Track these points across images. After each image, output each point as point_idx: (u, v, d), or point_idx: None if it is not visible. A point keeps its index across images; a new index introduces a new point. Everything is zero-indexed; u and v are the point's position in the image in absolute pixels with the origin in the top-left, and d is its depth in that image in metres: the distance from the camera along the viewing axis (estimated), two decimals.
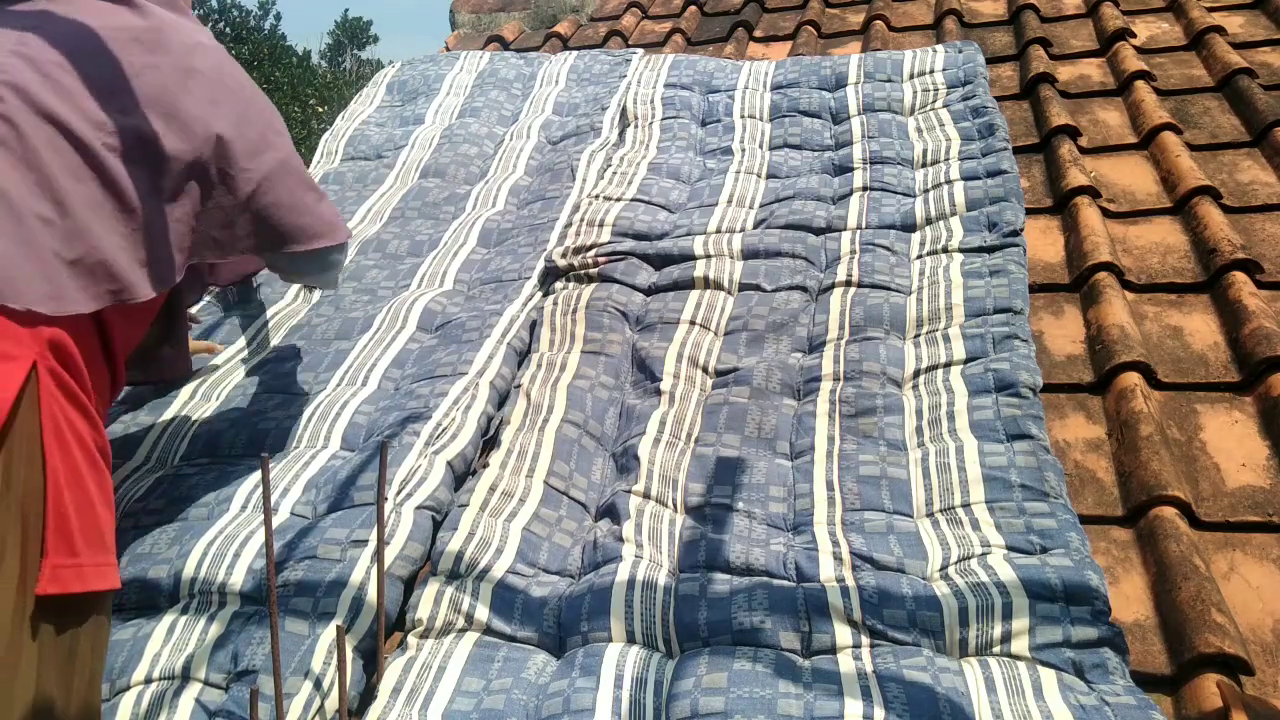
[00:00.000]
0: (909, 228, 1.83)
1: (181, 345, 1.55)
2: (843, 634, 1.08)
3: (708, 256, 1.79)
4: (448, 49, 3.20)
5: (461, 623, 1.17)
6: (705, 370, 1.58)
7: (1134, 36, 2.40)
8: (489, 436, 1.49)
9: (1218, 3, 2.50)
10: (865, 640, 1.08)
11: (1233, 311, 1.50)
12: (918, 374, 1.48)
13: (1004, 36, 2.57)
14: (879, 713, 0.97)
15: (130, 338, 1.25)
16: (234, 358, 1.75)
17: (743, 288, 1.74)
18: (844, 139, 2.15)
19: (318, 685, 1.09)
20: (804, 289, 1.71)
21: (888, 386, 1.46)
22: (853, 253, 1.76)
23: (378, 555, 1.13)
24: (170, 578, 1.24)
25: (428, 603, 1.19)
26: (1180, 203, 1.78)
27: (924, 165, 2.01)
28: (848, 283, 1.68)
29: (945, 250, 1.73)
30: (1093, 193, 1.82)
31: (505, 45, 3.10)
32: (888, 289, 1.65)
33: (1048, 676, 1.01)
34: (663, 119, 2.30)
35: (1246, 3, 2.49)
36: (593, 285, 1.76)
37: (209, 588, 1.24)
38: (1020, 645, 1.04)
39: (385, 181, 2.26)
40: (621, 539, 1.23)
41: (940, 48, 2.39)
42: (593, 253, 1.83)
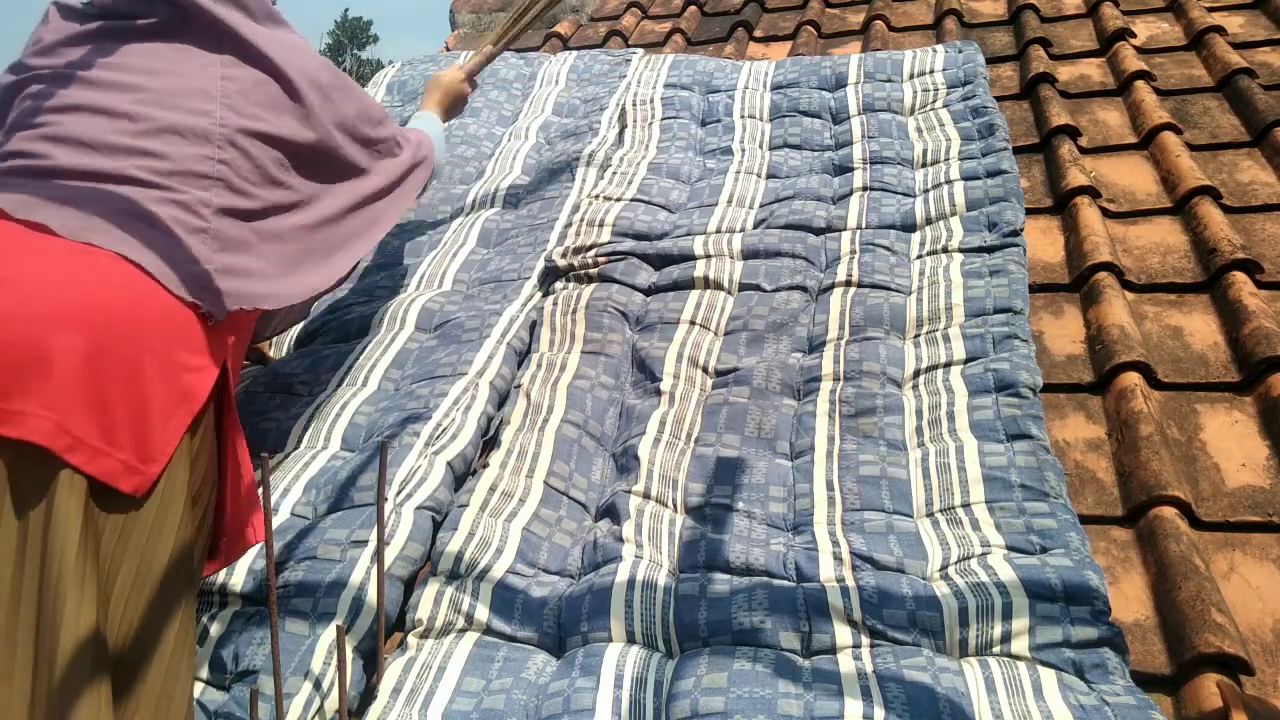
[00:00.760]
0: (909, 228, 1.83)
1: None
2: (843, 634, 1.08)
3: (708, 256, 1.79)
4: (448, 49, 3.20)
5: (461, 623, 1.17)
6: (705, 370, 1.58)
7: (1134, 36, 2.40)
8: (489, 437, 1.49)
9: (1218, 3, 2.50)
10: (865, 640, 1.08)
11: (1233, 311, 1.50)
12: (918, 374, 1.48)
13: (1004, 36, 2.57)
14: (879, 713, 0.97)
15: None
16: None
17: (743, 288, 1.74)
18: (844, 139, 2.15)
19: (318, 685, 1.09)
20: (804, 289, 1.71)
21: (888, 386, 1.46)
22: (853, 253, 1.76)
23: (378, 555, 1.13)
24: None
25: (428, 603, 1.19)
26: (1180, 203, 1.78)
27: (924, 165, 2.01)
28: (848, 283, 1.68)
29: (945, 250, 1.73)
30: (1093, 193, 1.82)
31: None
32: (888, 289, 1.65)
33: (1048, 676, 1.01)
34: (662, 119, 2.30)
35: (1246, 3, 2.49)
36: (593, 285, 1.76)
37: (209, 588, 1.24)
38: (1020, 645, 1.04)
39: None
40: (621, 539, 1.23)
41: (940, 48, 2.39)
42: (593, 253, 1.83)
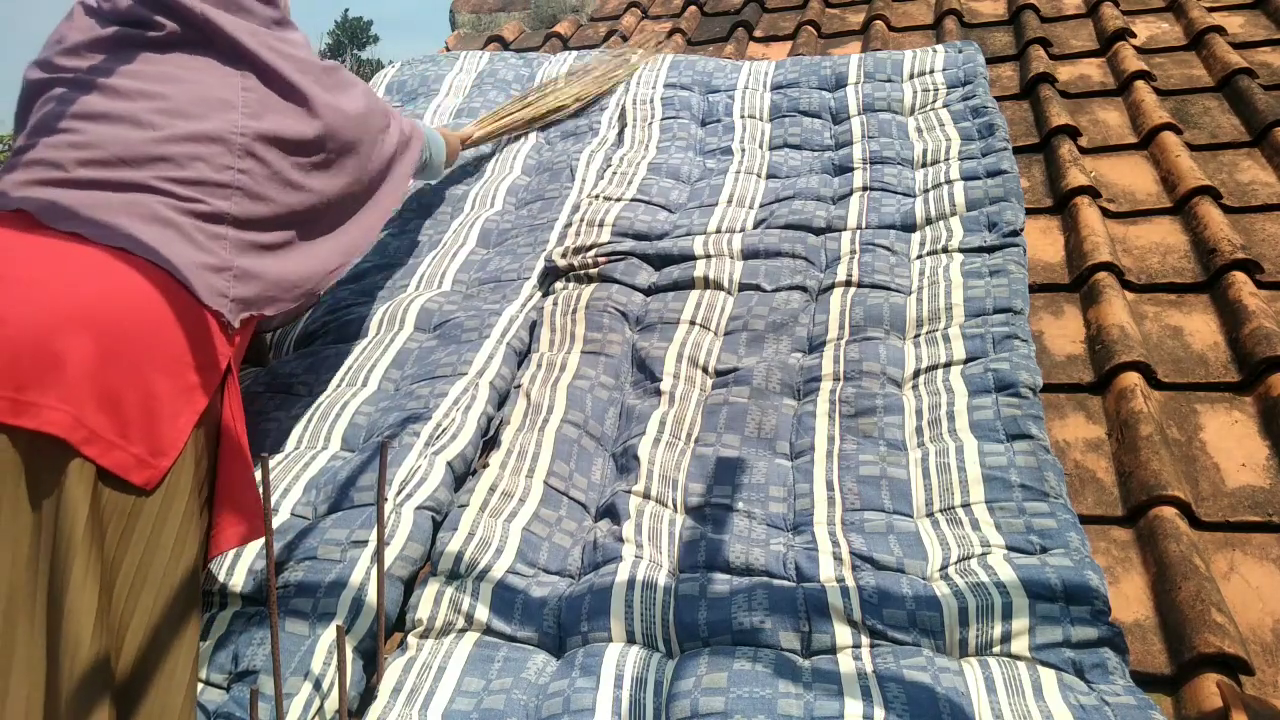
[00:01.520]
0: (909, 228, 1.83)
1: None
2: (843, 634, 1.08)
3: (708, 256, 1.79)
4: (448, 49, 3.20)
5: (461, 623, 1.17)
6: (705, 370, 1.57)
7: (1134, 36, 2.40)
8: (489, 437, 1.49)
9: (1217, 3, 2.50)
10: (865, 640, 1.08)
11: (1232, 311, 1.50)
12: (918, 374, 1.48)
13: (1004, 36, 2.57)
14: (879, 713, 0.97)
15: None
16: None
17: (743, 288, 1.74)
18: (844, 139, 2.15)
19: (318, 685, 1.09)
20: (804, 289, 1.71)
21: (888, 386, 1.46)
22: (853, 253, 1.76)
23: (378, 556, 1.13)
24: None
25: (428, 603, 1.19)
26: (1180, 203, 1.78)
27: (924, 165, 2.01)
28: (848, 283, 1.68)
29: (945, 250, 1.72)
30: (1093, 193, 1.82)
31: (505, 45, 3.10)
32: (888, 289, 1.65)
33: (1048, 676, 1.01)
34: (662, 119, 2.30)
35: (1246, 3, 2.49)
36: (592, 285, 1.76)
37: (210, 589, 1.24)
38: (1020, 645, 1.04)
39: None
40: (621, 539, 1.23)
41: (940, 48, 2.39)
42: (593, 253, 1.83)
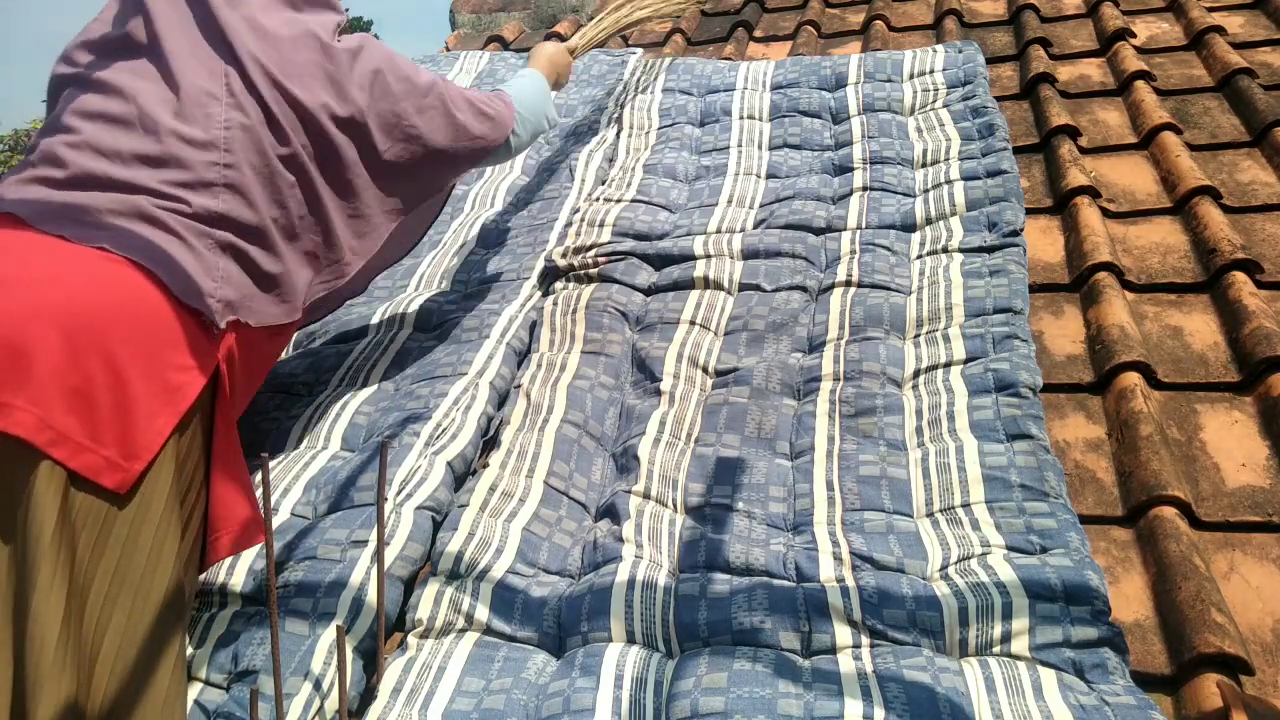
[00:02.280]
0: (909, 228, 1.83)
1: None
2: (843, 634, 1.08)
3: (708, 256, 1.79)
4: (448, 49, 3.20)
5: (461, 623, 1.17)
6: (705, 370, 1.57)
7: (1134, 36, 2.40)
8: (489, 437, 1.49)
9: (1217, 3, 2.50)
10: (865, 640, 1.08)
11: (1233, 311, 1.50)
12: (918, 374, 1.48)
13: (1004, 36, 2.57)
14: (879, 713, 0.97)
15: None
16: None
17: (743, 288, 1.74)
18: (844, 139, 2.15)
19: (318, 685, 1.09)
20: (804, 289, 1.71)
21: (888, 386, 1.46)
22: (853, 253, 1.76)
23: (378, 556, 1.13)
24: None
25: (428, 603, 1.19)
26: (1180, 203, 1.78)
27: (924, 165, 2.01)
28: (848, 283, 1.68)
29: (945, 250, 1.72)
30: (1093, 193, 1.82)
31: (505, 45, 3.10)
32: (888, 289, 1.65)
33: (1048, 676, 1.01)
34: (660, 124, 2.30)
35: (1246, 3, 2.49)
36: (592, 285, 1.76)
37: (209, 588, 1.24)
38: (1020, 645, 1.04)
39: None
40: (621, 539, 1.23)
41: (940, 48, 2.39)
42: (593, 252, 1.83)
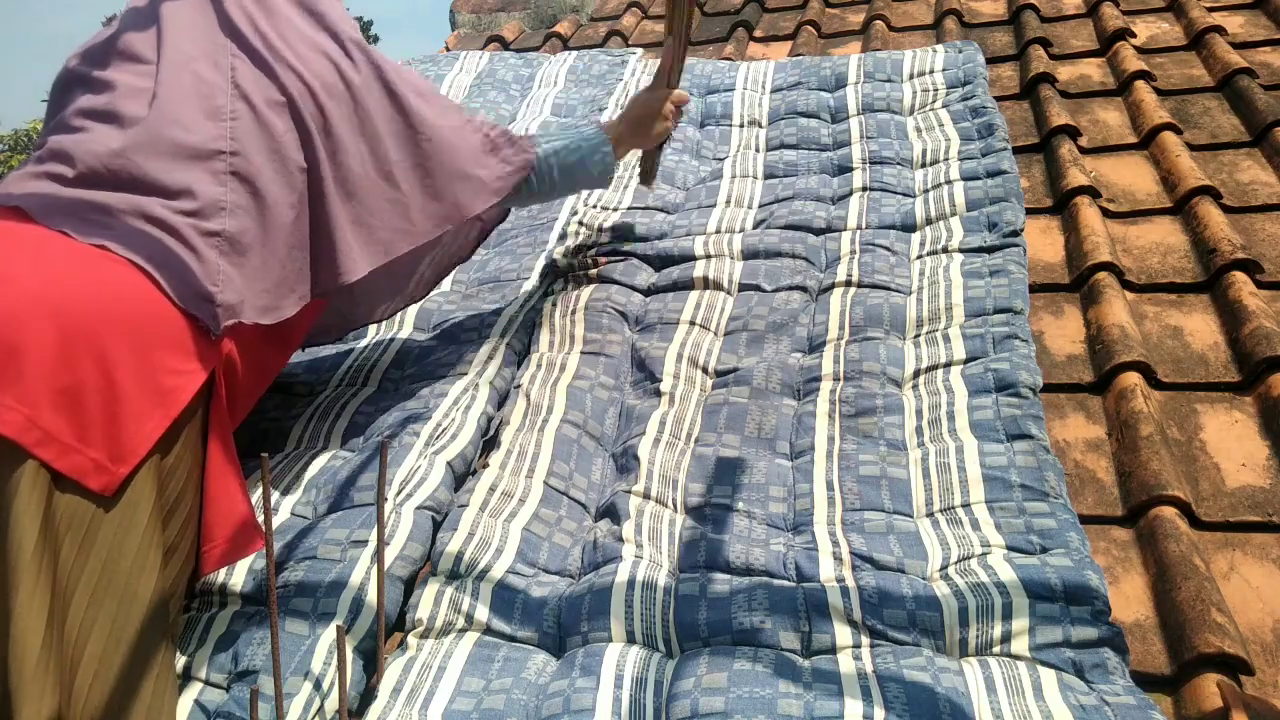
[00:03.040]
0: (909, 228, 1.83)
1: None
2: (843, 634, 1.08)
3: (707, 257, 1.79)
4: (447, 49, 3.20)
5: (461, 623, 1.17)
6: (705, 370, 1.57)
7: (1134, 36, 2.40)
8: (489, 437, 1.49)
9: (1218, 2, 2.50)
10: (865, 640, 1.07)
11: (1233, 311, 1.50)
12: (918, 374, 1.48)
13: (1004, 36, 2.57)
14: (879, 713, 0.97)
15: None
16: None
17: (742, 288, 1.74)
18: (843, 139, 2.15)
19: (318, 685, 1.09)
20: (804, 289, 1.71)
21: (888, 386, 1.46)
22: (853, 253, 1.76)
23: (378, 556, 1.13)
24: None
25: (427, 603, 1.19)
26: (1180, 203, 1.78)
27: (923, 165, 2.01)
28: (848, 283, 1.68)
29: (945, 250, 1.72)
30: (1093, 193, 1.82)
31: (505, 45, 3.10)
32: (888, 289, 1.65)
33: (1048, 676, 1.01)
34: None
35: (1247, 3, 2.49)
36: (592, 286, 1.76)
37: (209, 588, 1.24)
38: (1020, 645, 1.04)
39: None
40: (621, 539, 1.23)
41: (940, 48, 2.39)
42: (593, 252, 1.83)
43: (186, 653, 1.17)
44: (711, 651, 1.07)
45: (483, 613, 1.17)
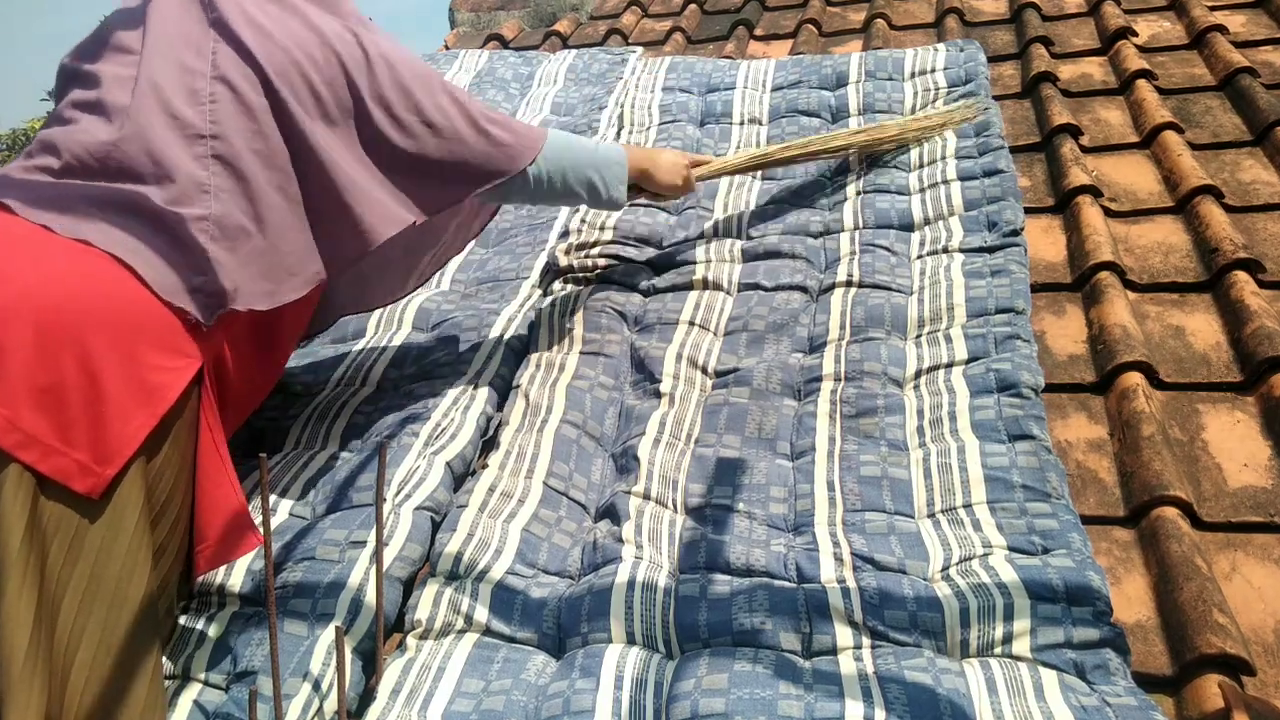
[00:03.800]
0: (908, 228, 1.82)
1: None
2: (844, 635, 1.07)
3: (707, 259, 1.79)
4: (447, 48, 3.20)
5: (461, 624, 1.17)
6: (705, 371, 1.57)
7: (1135, 35, 2.40)
8: (488, 437, 1.48)
9: (1219, 1, 2.49)
10: (866, 641, 1.07)
11: (1235, 311, 1.49)
12: (919, 374, 1.48)
13: (1005, 35, 2.56)
14: (880, 714, 0.96)
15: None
16: None
17: (742, 288, 1.73)
18: None
19: (317, 686, 1.09)
20: (804, 289, 1.70)
21: (889, 387, 1.45)
22: (853, 253, 1.75)
23: (376, 556, 1.13)
24: None
25: (427, 604, 1.18)
26: (1182, 202, 1.78)
27: (920, 166, 2.01)
28: (848, 283, 1.68)
29: (946, 250, 1.72)
30: (1094, 192, 1.82)
31: (505, 44, 3.09)
32: (888, 289, 1.65)
33: (1049, 677, 1.00)
34: (659, 123, 2.30)
35: (1248, 2, 2.48)
36: (591, 286, 1.75)
37: (208, 589, 1.24)
38: (1022, 646, 1.04)
39: None
40: (621, 540, 1.23)
41: (941, 46, 2.38)
42: (595, 251, 1.82)
43: (185, 653, 1.16)
44: (712, 652, 1.07)
45: (482, 614, 1.17)
